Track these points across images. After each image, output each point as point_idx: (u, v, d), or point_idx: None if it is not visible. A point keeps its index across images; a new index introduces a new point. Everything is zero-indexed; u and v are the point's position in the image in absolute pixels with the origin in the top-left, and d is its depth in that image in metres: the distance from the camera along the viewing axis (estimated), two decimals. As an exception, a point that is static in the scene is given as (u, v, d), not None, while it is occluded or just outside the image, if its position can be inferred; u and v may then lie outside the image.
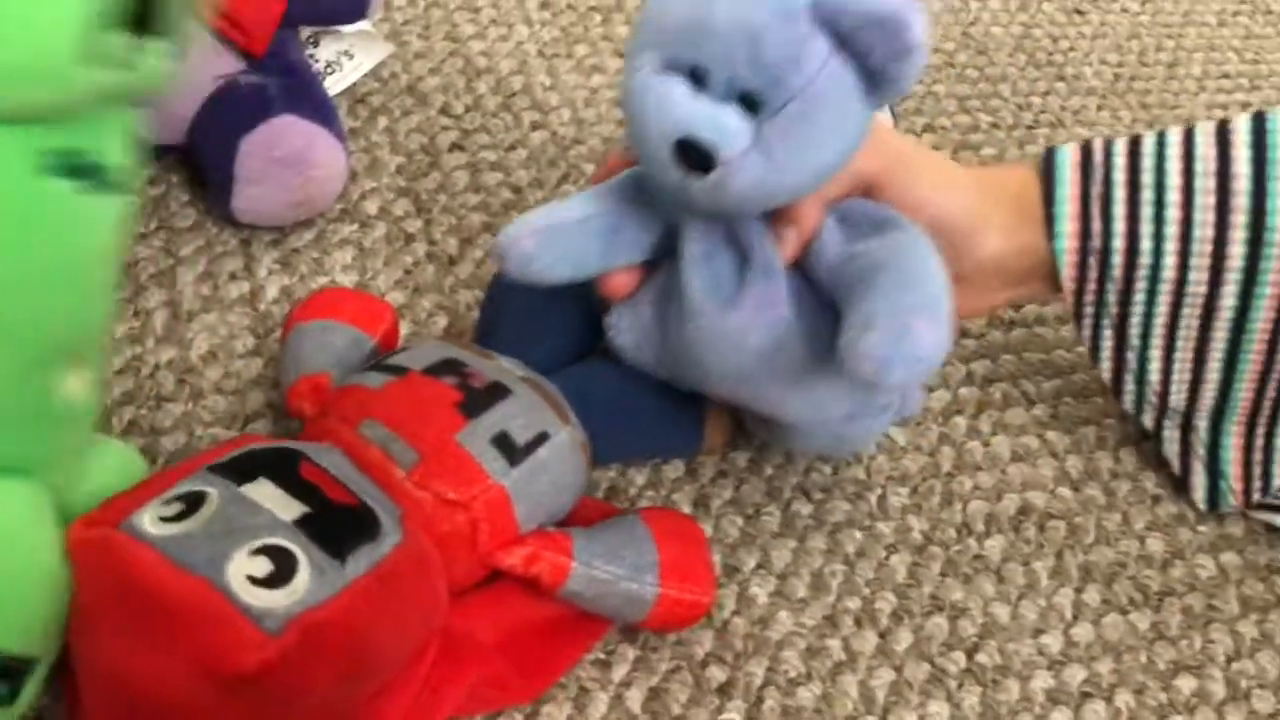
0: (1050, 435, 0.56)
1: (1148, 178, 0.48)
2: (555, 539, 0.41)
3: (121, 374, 0.47)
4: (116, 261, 0.36)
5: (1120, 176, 0.48)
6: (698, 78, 0.37)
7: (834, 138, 0.38)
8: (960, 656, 0.46)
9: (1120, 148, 0.49)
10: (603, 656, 0.43)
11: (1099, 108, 0.77)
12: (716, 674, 0.43)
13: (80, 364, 0.35)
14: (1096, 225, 0.48)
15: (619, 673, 0.43)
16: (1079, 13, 0.85)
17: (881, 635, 0.46)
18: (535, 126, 0.63)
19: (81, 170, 0.35)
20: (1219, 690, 0.48)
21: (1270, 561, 0.53)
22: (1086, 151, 0.49)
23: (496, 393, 0.42)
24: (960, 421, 0.55)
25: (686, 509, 0.48)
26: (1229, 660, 0.49)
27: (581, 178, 0.60)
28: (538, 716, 0.41)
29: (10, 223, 0.32)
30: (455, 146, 0.60)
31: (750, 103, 0.36)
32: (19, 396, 0.33)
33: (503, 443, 0.40)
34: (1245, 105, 0.81)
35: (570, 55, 0.68)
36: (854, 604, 0.47)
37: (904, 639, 0.46)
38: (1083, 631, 0.48)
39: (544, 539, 0.41)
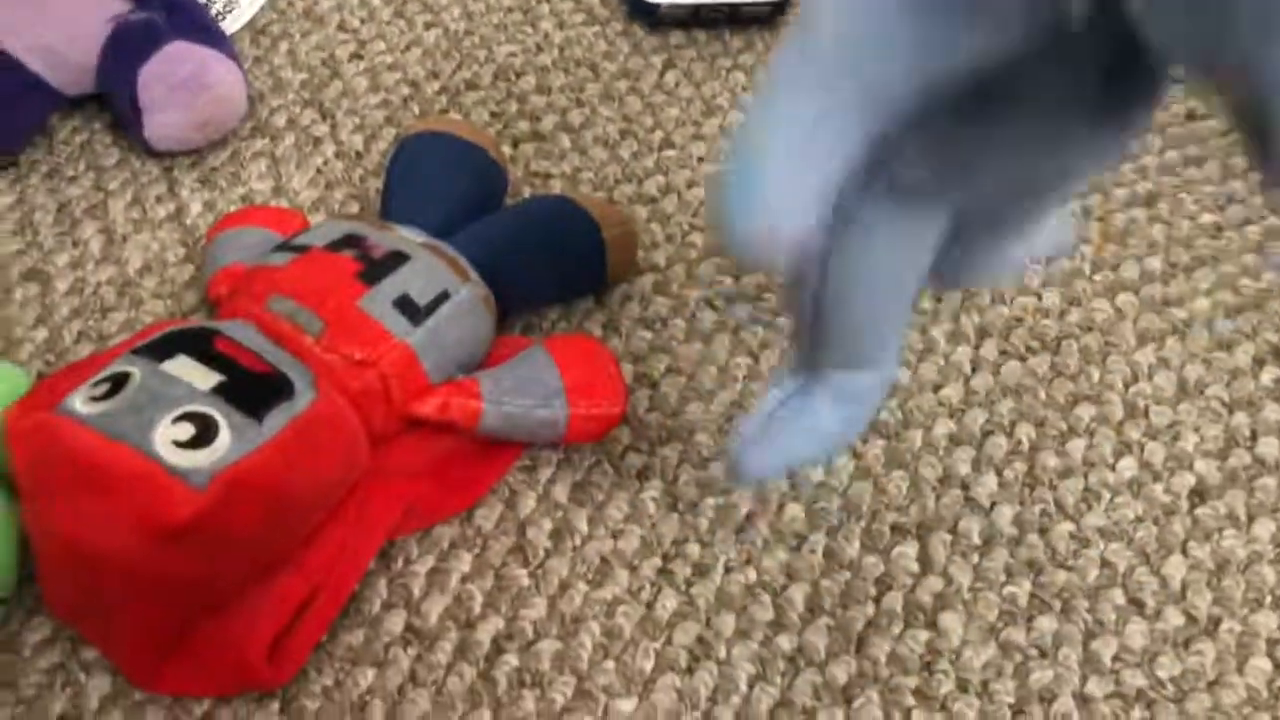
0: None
1: None
2: (464, 385, 0.45)
3: (68, 295, 0.52)
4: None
5: None
6: None
7: None
8: (864, 417, 0.50)
9: None
10: (528, 463, 0.47)
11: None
12: (635, 461, 0.47)
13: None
14: None
15: (545, 474, 0.47)
16: None
17: (788, 410, 0.50)
18: (428, 26, 0.66)
19: None
20: (1117, 412, 0.52)
21: (1164, 296, 0.56)
22: None
23: (395, 260, 0.46)
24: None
25: (598, 333, 0.52)
26: (1126, 385, 0.53)
27: (475, 64, 0.64)
28: (472, 518, 0.46)
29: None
30: (354, 56, 0.64)
31: None
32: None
33: (405, 304, 0.44)
34: None
35: (458, -42, 0.71)
36: (757, 387, 0.51)
37: (810, 410, 0.50)
38: (982, 380, 0.52)
39: (453, 386, 0.45)
